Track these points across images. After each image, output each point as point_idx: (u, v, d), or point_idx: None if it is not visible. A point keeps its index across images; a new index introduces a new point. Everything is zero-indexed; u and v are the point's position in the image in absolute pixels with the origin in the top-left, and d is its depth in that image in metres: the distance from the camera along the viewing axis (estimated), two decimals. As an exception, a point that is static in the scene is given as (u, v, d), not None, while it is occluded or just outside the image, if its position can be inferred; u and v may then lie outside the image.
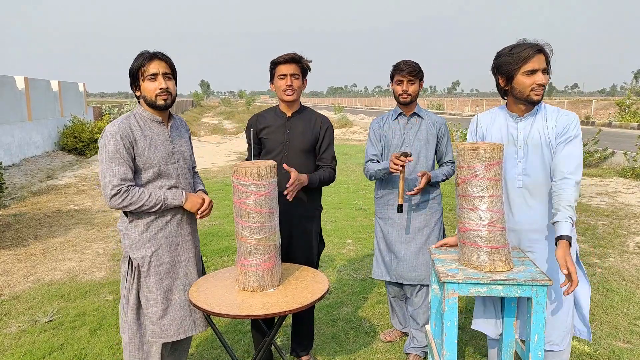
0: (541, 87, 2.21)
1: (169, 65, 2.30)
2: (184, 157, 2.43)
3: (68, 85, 16.74)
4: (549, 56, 2.22)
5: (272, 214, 2.20)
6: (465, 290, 2.06)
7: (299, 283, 2.31)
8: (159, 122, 2.34)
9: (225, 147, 15.87)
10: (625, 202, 7.61)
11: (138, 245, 2.29)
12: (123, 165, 2.19)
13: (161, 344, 2.37)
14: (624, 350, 3.19)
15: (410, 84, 2.88)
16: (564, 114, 2.27)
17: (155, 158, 2.28)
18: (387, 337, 3.36)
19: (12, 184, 9.07)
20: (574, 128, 2.23)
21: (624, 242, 5.55)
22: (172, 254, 2.35)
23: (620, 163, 10.66)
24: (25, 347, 3.28)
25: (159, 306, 2.31)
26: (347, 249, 5.39)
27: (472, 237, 2.12)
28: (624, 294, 4.11)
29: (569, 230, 2.09)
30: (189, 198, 2.35)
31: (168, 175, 2.32)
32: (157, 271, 2.31)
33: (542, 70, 2.19)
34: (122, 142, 2.19)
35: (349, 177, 9.82)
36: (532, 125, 2.29)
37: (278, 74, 2.69)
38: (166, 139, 2.35)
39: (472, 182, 2.10)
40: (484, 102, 43.48)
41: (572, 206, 2.12)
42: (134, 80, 2.29)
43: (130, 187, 2.20)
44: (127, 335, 2.33)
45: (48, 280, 4.53)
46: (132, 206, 2.20)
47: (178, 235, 2.37)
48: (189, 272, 2.41)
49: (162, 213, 2.30)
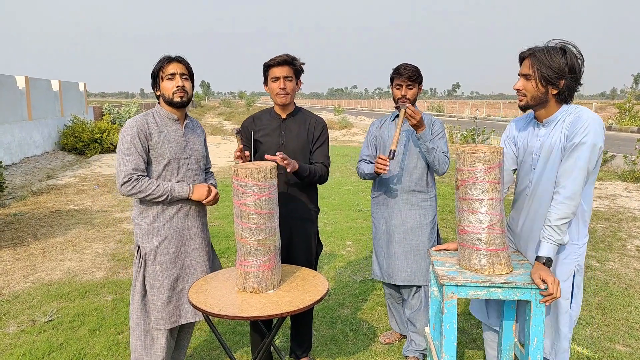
0: (519, 92, 2.17)
1: (187, 68, 2.50)
2: (196, 154, 2.59)
3: (68, 85, 16.75)
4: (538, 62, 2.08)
5: (272, 215, 2.20)
6: (464, 293, 2.07)
7: (299, 284, 2.31)
8: (175, 119, 2.53)
9: (225, 147, 15.87)
10: (625, 206, 7.61)
11: (147, 235, 2.45)
12: (136, 157, 2.38)
13: (166, 334, 2.51)
14: (623, 354, 3.19)
15: (409, 88, 2.89)
16: (579, 118, 2.07)
17: (167, 152, 2.45)
18: (387, 340, 3.36)
19: (12, 183, 9.07)
20: (582, 134, 2.02)
21: (624, 246, 5.56)
22: (178, 244, 2.51)
23: (620, 166, 10.66)
24: (25, 346, 3.28)
25: (164, 293, 2.46)
26: (347, 251, 5.39)
27: (471, 240, 2.13)
28: (624, 297, 4.12)
29: (547, 250, 2.05)
30: (195, 190, 2.49)
31: (178, 168, 2.49)
32: (162, 260, 2.46)
33: (522, 75, 2.15)
34: (137, 136, 2.38)
35: (348, 179, 9.82)
36: (551, 132, 2.17)
37: (271, 77, 2.70)
38: (180, 136, 2.52)
39: (471, 184, 2.10)
40: (484, 105, 43.52)
41: (555, 225, 2.05)
42: (155, 81, 2.49)
43: (140, 176, 2.38)
44: (133, 320, 2.51)
45: (48, 280, 4.53)
46: (141, 194, 2.37)
47: (185, 227, 2.52)
48: (192, 262, 2.55)
49: (170, 205, 2.46)
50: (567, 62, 2.06)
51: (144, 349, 2.52)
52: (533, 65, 2.10)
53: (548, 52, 2.08)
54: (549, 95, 2.13)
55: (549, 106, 2.16)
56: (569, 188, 2.04)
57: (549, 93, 2.12)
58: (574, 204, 2.05)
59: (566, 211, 2.05)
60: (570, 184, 2.04)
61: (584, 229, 2.21)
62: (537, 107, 2.18)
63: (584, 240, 2.21)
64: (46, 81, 14.63)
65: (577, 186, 2.04)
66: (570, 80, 2.09)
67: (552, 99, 2.14)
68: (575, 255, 2.19)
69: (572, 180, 2.04)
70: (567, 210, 2.05)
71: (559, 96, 2.13)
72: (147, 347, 2.52)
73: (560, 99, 2.15)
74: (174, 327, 2.58)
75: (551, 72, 2.06)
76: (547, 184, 2.18)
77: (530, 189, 2.27)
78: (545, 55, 2.08)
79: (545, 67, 2.07)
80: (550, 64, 2.06)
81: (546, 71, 2.07)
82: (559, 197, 2.06)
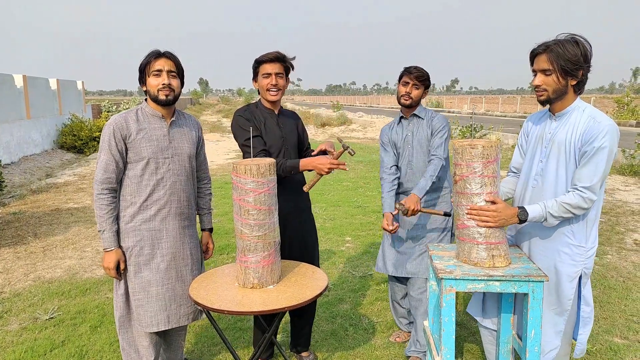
0: (537, 88, 2.20)
1: (175, 64, 2.40)
2: (181, 154, 2.47)
3: (67, 84, 16.73)
4: (555, 55, 2.12)
5: (271, 212, 2.22)
6: (462, 287, 2.09)
7: (299, 280, 2.33)
8: (160, 117, 2.43)
9: (224, 145, 15.87)
10: (623, 200, 7.64)
11: (123, 234, 2.41)
12: (109, 156, 2.33)
13: (150, 335, 2.48)
14: (621, 346, 3.22)
15: (415, 88, 2.94)
16: (595, 122, 2.11)
17: (145, 151, 2.37)
18: (397, 339, 3.36)
19: (12, 182, 9.07)
20: (602, 139, 2.06)
21: (622, 239, 5.58)
22: (153, 247, 2.43)
23: (618, 160, 10.68)
24: (27, 344, 3.30)
25: (136, 295, 2.42)
26: (346, 247, 5.41)
27: (471, 234, 2.15)
28: (621, 290, 4.14)
29: (532, 211, 2.13)
30: (107, 255, 2.36)
31: (157, 169, 2.40)
32: (136, 262, 2.41)
33: (540, 71, 2.18)
34: (113, 134, 2.33)
35: (347, 175, 9.84)
36: (563, 127, 2.21)
37: (262, 72, 2.71)
38: (163, 134, 2.42)
39: (470, 179, 2.12)
40: (482, 100, 43.50)
41: (561, 203, 2.10)
42: (141, 75, 2.40)
43: (105, 194, 2.34)
44: (117, 319, 2.48)
45: (48, 277, 4.54)
46: (96, 209, 2.36)
47: (162, 230, 2.44)
48: (170, 267, 2.46)
49: (147, 207, 2.40)
50: (581, 52, 2.13)
51: (129, 347, 2.50)
52: (551, 60, 2.14)
53: (563, 45, 2.13)
54: (569, 86, 2.18)
55: (567, 98, 2.21)
56: (590, 189, 2.09)
57: (569, 84, 2.18)
58: (586, 204, 2.10)
59: (578, 203, 2.09)
60: (591, 186, 2.08)
61: (592, 233, 2.22)
62: (557, 99, 2.22)
63: (592, 244, 2.22)
64: (44, 80, 14.61)
65: (596, 188, 2.09)
66: (587, 69, 2.17)
67: (571, 90, 2.20)
68: (582, 259, 2.20)
69: (594, 183, 2.08)
70: (580, 204, 2.09)
71: (577, 86, 2.20)
72: (131, 346, 2.50)
73: (578, 89, 2.21)
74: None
75: (570, 64, 2.12)
76: (552, 179, 2.22)
77: (536, 182, 2.30)
78: (561, 48, 2.12)
79: (564, 60, 2.11)
80: (568, 56, 2.11)
81: (565, 64, 2.12)
82: (579, 191, 2.10)
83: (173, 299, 2.46)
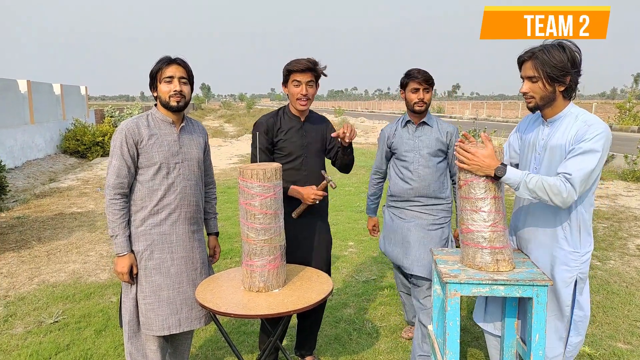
0: (526, 95, 2.18)
1: (186, 71, 2.43)
2: (190, 159, 2.50)
3: (70, 89, 16.81)
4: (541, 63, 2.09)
5: (277, 216, 2.24)
6: (467, 291, 2.10)
7: (304, 283, 2.34)
8: (170, 123, 2.45)
9: (226, 150, 15.91)
10: (626, 205, 7.64)
11: (134, 238, 2.42)
12: (121, 162, 2.34)
13: (157, 339, 2.47)
14: (624, 352, 3.22)
15: (426, 92, 2.91)
16: (586, 125, 2.08)
17: (157, 156, 2.38)
18: (409, 334, 3.37)
19: (15, 186, 9.11)
20: (591, 140, 2.04)
21: (625, 245, 5.58)
22: (164, 251, 2.43)
23: (620, 166, 10.69)
24: (32, 347, 3.31)
25: (147, 299, 2.41)
26: (349, 251, 5.42)
27: (475, 238, 2.16)
28: (625, 295, 4.14)
29: (511, 172, 2.06)
30: (119, 260, 2.38)
31: (168, 173, 2.41)
32: (146, 265, 2.41)
33: (527, 78, 2.16)
34: (125, 140, 2.34)
35: (350, 180, 9.86)
36: (555, 132, 2.18)
37: (293, 80, 2.71)
38: (174, 140, 2.44)
39: (474, 184, 2.14)
40: (484, 106, 43.56)
41: (542, 178, 2.05)
42: (152, 82, 2.43)
43: (117, 199, 2.35)
44: (127, 322, 2.47)
45: (53, 281, 4.56)
46: (108, 214, 2.37)
47: (172, 234, 2.44)
48: (180, 271, 2.46)
49: (157, 211, 2.41)
50: (568, 57, 2.08)
51: (137, 352, 2.50)
52: (537, 67, 2.11)
53: (549, 51, 2.10)
54: (557, 93, 2.15)
55: (556, 104, 2.18)
56: (571, 180, 2.03)
57: (557, 91, 2.14)
58: (566, 193, 2.03)
59: (558, 187, 2.02)
60: (572, 177, 2.03)
61: (586, 237, 2.22)
62: (546, 106, 2.20)
63: (587, 249, 2.22)
64: (48, 85, 14.68)
65: (576, 181, 2.03)
66: (575, 74, 2.12)
67: (560, 96, 2.16)
68: (577, 264, 2.19)
69: (575, 176, 2.03)
70: (560, 188, 2.02)
71: (566, 92, 2.16)
72: (139, 351, 2.50)
73: (568, 95, 2.17)
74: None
75: (556, 70, 2.08)
76: None
77: None
78: (546, 54, 2.09)
79: (550, 67, 2.08)
80: (553, 62, 2.07)
81: (551, 70, 2.08)
82: (562, 176, 2.05)
83: (185, 303, 2.46)
